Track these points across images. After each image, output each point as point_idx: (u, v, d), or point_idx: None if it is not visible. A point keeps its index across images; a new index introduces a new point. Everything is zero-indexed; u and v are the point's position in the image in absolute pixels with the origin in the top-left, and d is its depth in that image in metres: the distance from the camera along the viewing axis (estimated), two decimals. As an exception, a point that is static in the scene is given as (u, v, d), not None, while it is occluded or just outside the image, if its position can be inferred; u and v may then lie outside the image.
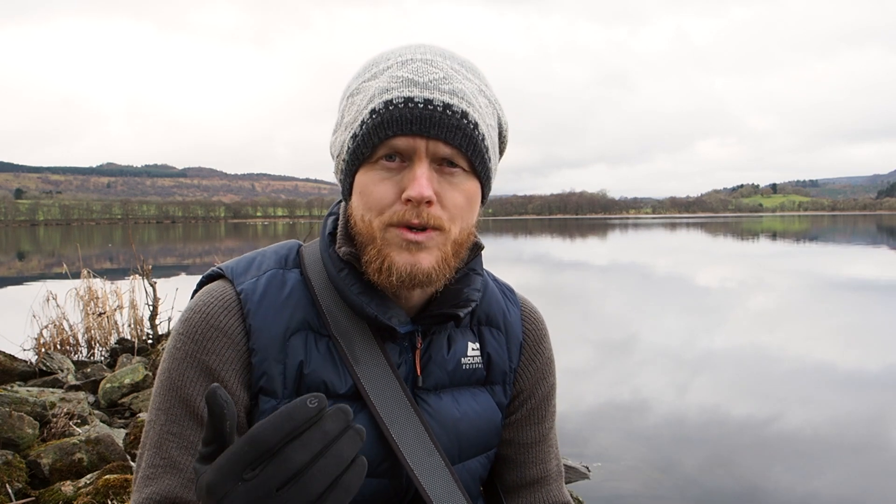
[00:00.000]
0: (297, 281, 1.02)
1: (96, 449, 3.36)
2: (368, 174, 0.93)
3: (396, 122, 0.89)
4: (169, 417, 0.95)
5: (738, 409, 5.63)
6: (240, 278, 1.01)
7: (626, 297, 13.21)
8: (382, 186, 0.92)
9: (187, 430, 0.95)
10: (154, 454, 0.94)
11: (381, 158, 0.92)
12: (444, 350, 1.05)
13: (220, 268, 1.04)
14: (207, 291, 1.01)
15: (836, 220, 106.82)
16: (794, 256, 24.65)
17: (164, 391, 0.97)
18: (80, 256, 8.45)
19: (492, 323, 1.13)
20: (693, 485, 4.13)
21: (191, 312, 0.99)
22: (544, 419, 1.18)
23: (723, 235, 46.38)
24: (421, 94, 0.89)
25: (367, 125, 0.91)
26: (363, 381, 0.97)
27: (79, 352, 6.91)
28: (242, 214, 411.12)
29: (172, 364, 0.97)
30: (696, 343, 8.51)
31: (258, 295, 0.98)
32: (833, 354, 7.79)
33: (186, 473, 0.93)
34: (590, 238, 45.31)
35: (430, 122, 0.89)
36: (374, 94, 0.92)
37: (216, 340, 0.96)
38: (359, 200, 0.95)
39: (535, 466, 1.17)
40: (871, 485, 4.17)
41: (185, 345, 0.96)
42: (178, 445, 0.94)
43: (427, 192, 0.88)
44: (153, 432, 0.96)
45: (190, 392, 0.95)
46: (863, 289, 13.78)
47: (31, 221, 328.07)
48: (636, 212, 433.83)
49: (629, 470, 4.33)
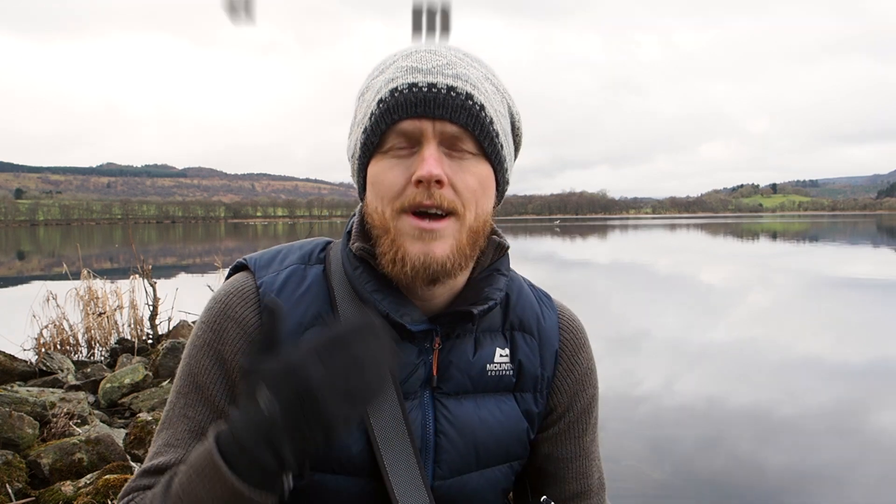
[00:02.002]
0: (318, 277, 1.02)
1: (96, 449, 3.36)
2: (379, 164, 0.94)
3: (401, 106, 0.90)
4: (186, 401, 0.98)
5: (739, 409, 5.63)
6: (261, 271, 1.02)
7: (627, 295, 13.21)
8: (392, 173, 0.92)
9: (199, 414, 0.97)
10: (169, 434, 0.98)
11: (392, 147, 0.92)
12: (468, 354, 1.02)
13: (245, 259, 1.06)
14: (230, 282, 1.04)
15: (836, 220, 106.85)
16: (793, 256, 24.66)
17: (183, 376, 1.01)
18: (80, 256, 8.45)
19: (525, 328, 1.09)
20: (693, 484, 4.14)
21: (212, 302, 1.02)
22: (585, 433, 1.14)
23: (723, 236, 46.39)
24: (425, 79, 0.91)
25: (375, 115, 0.92)
26: None
27: (79, 352, 6.90)
28: (242, 214, 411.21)
29: (192, 351, 1.01)
30: (696, 342, 8.51)
31: (276, 288, 0.99)
32: (830, 348, 7.86)
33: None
34: (590, 238, 45.29)
35: (434, 103, 0.89)
36: (381, 86, 0.93)
37: (232, 331, 0.98)
38: (372, 192, 0.95)
39: (575, 482, 1.13)
40: (858, 463, 4.34)
41: (204, 333, 1.00)
42: (188, 428, 0.97)
43: (436, 171, 0.88)
44: (171, 413, 1.00)
45: (204, 380, 0.98)
46: (861, 287, 13.79)
47: (31, 221, 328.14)
48: (636, 212, 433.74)
49: (629, 470, 4.34)
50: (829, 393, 6.18)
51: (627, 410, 5.63)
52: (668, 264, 21.76)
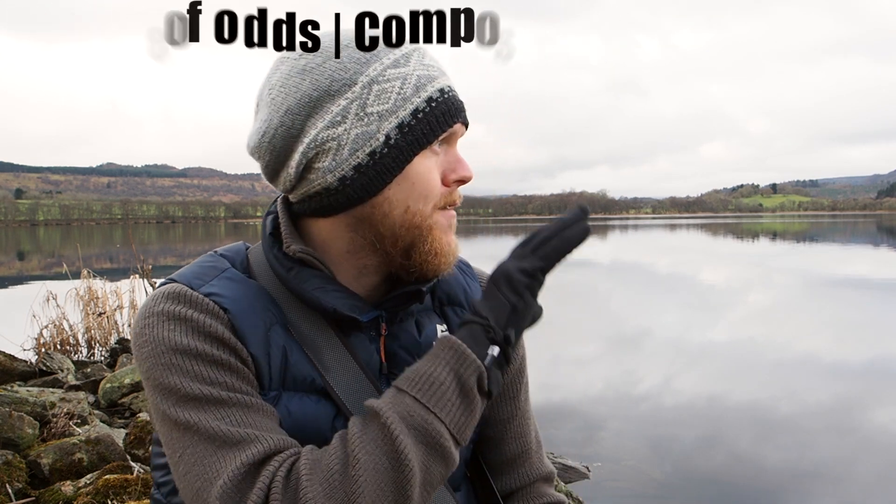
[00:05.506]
0: (253, 283, 0.97)
1: (96, 449, 3.35)
2: (423, 163, 0.93)
3: (453, 110, 0.94)
4: (206, 379, 0.85)
5: (739, 408, 5.63)
6: (197, 283, 0.93)
7: (627, 295, 13.21)
8: (434, 173, 0.95)
9: (231, 379, 0.86)
10: (215, 411, 0.84)
11: (433, 146, 0.95)
12: (413, 334, 1.03)
13: (171, 278, 0.95)
14: (169, 287, 0.92)
15: (836, 220, 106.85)
16: (793, 256, 24.66)
17: (180, 367, 0.86)
18: (80, 256, 8.45)
19: (454, 302, 1.10)
20: (693, 483, 4.14)
21: (166, 302, 0.90)
22: (519, 392, 1.16)
23: (723, 236, 46.37)
24: (448, 82, 0.96)
25: (427, 113, 0.92)
26: (336, 389, 0.94)
27: (79, 352, 6.90)
28: (242, 214, 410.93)
29: (173, 342, 0.87)
30: (696, 341, 8.52)
31: (229, 291, 0.93)
32: (829, 348, 7.86)
33: (264, 409, 0.87)
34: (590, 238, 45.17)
35: (463, 107, 0.96)
36: (419, 83, 0.92)
37: (208, 317, 0.89)
38: (410, 191, 0.93)
39: (514, 441, 1.15)
40: (856, 461, 4.37)
41: (178, 324, 0.88)
42: (239, 390, 0.86)
43: (472, 173, 0.96)
44: (196, 400, 0.85)
45: (214, 352, 0.87)
46: (860, 287, 13.79)
47: (31, 221, 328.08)
48: (636, 212, 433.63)
49: (629, 470, 4.33)
50: (829, 392, 6.19)
51: (627, 409, 5.63)
52: (669, 264, 21.77)
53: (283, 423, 0.90)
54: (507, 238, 44.82)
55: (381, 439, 0.79)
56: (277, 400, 0.92)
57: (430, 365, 0.84)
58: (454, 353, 0.84)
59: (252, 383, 0.90)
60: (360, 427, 0.82)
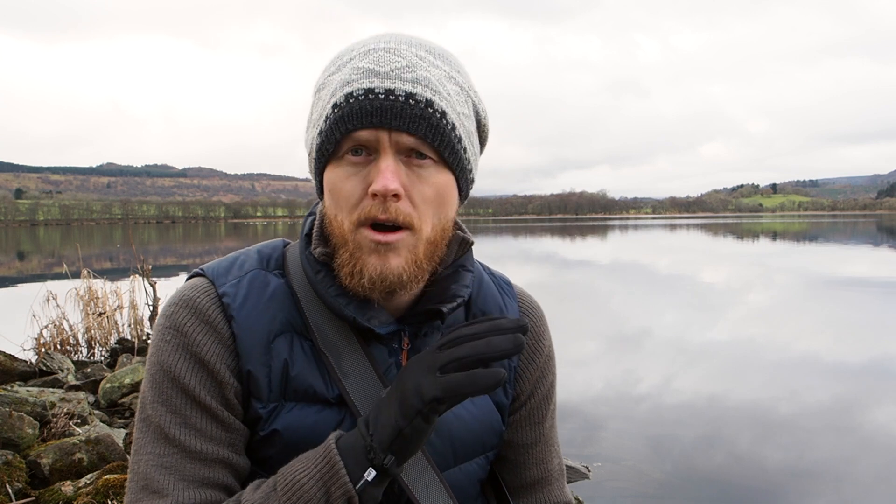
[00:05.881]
0: (280, 283, 0.99)
1: (96, 449, 3.35)
2: (336, 171, 0.90)
3: (356, 114, 0.86)
4: (171, 408, 0.92)
5: (739, 408, 5.63)
6: (221, 279, 0.97)
7: (627, 295, 13.21)
8: (349, 183, 0.89)
9: (193, 417, 0.92)
10: (163, 445, 0.91)
11: (347, 153, 0.89)
12: None
13: (201, 269, 1.00)
14: (191, 287, 0.97)
15: (836, 221, 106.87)
16: (793, 256, 24.65)
17: (159, 383, 0.93)
18: (80, 256, 8.44)
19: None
20: (693, 483, 4.14)
21: (175, 307, 0.95)
22: (545, 418, 1.14)
23: (723, 236, 46.37)
24: (382, 85, 0.86)
25: (330, 120, 0.88)
26: (352, 395, 0.94)
27: (79, 352, 6.90)
28: (242, 214, 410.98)
29: (163, 357, 0.93)
30: (696, 341, 8.51)
31: (240, 297, 0.95)
32: (829, 347, 7.86)
33: (205, 456, 0.91)
34: (590, 238, 45.26)
35: (391, 112, 0.85)
36: (336, 88, 0.89)
37: (206, 335, 0.93)
38: (329, 199, 0.92)
39: (536, 467, 1.13)
40: (856, 461, 4.35)
41: (174, 338, 0.93)
42: (190, 434, 0.91)
43: (392, 185, 0.85)
44: (156, 424, 0.92)
45: (189, 381, 0.92)
46: (860, 287, 13.79)
47: (31, 221, 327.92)
48: (636, 212, 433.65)
49: (629, 470, 4.33)
50: (828, 391, 6.19)
51: (627, 409, 5.63)
52: (669, 264, 21.76)
53: (282, 434, 0.94)
54: (507, 238, 44.81)
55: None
56: (277, 411, 0.94)
57: (305, 473, 0.85)
58: (329, 468, 0.84)
59: (219, 418, 0.94)
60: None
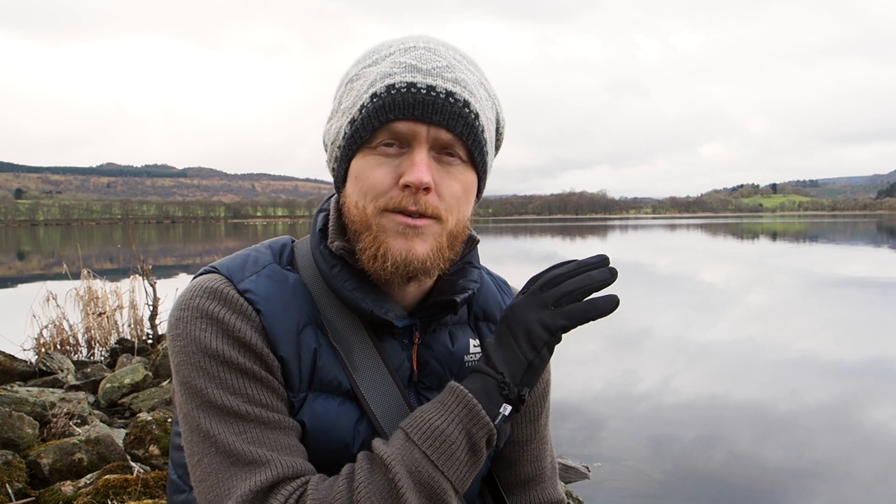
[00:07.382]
0: (296, 277, 0.99)
1: (96, 449, 3.35)
2: (365, 159, 0.91)
3: (399, 105, 0.87)
4: (231, 389, 0.88)
5: (739, 407, 5.63)
6: (237, 276, 0.95)
7: (627, 295, 13.15)
8: (380, 171, 0.90)
9: (256, 394, 0.89)
10: (236, 424, 0.87)
11: (380, 144, 0.90)
12: (447, 346, 1.04)
13: (213, 266, 0.98)
14: (211, 279, 0.95)
15: (836, 221, 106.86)
16: (793, 256, 24.64)
17: (208, 369, 0.88)
18: (80, 256, 8.44)
19: (489, 318, 1.11)
20: (693, 482, 4.13)
21: (201, 299, 0.92)
22: (539, 416, 1.16)
23: (723, 236, 46.36)
24: (424, 80, 0.88)
25: (368, 109, 0.89)
26: (363, 389, 0.95)
27: (79, 352, 6.90)
28: (242, 214, 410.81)
29: (205, 343, 0.89)
30: (696, 341, 8.51)
31: (263, 291, 0.94)
32: (828, 347, 7.87)
33: (282, 425, 0.89)
34: (590, 238, 45.25)
35: (433, 107, 0.87)
36: (376, 79, 0.90)
37: (241, 321, 0.91)
38: (354, 186, 0.93)
39: (530, 464, 1.15)
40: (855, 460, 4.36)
41: (210, 325, 0.90)
42: (259, 408, 0.88)
43: (426, 178, 0.87)
44: (219, 407, 0.87)
45: (241, 361, 0.89)
46: (860, 287, 13.78)
47: (31, 221, 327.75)
48: (636, 212, 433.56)
49: (629, 470, 4.33)
50: (828, 391, 6.19)
51: (627, 409, 5.63)
52: (669, 264, 21.76)
53: (307, 425, 0.93)
54: (507, 238, 44.78)
55: (387, 493, 0.81)
56: (304, 402, 0.94)
57: (441, 418, 0.85)
58: (467, 411, 0.85)
59: (277, 392, 0.91)
60: (367, 474, 0.83)
